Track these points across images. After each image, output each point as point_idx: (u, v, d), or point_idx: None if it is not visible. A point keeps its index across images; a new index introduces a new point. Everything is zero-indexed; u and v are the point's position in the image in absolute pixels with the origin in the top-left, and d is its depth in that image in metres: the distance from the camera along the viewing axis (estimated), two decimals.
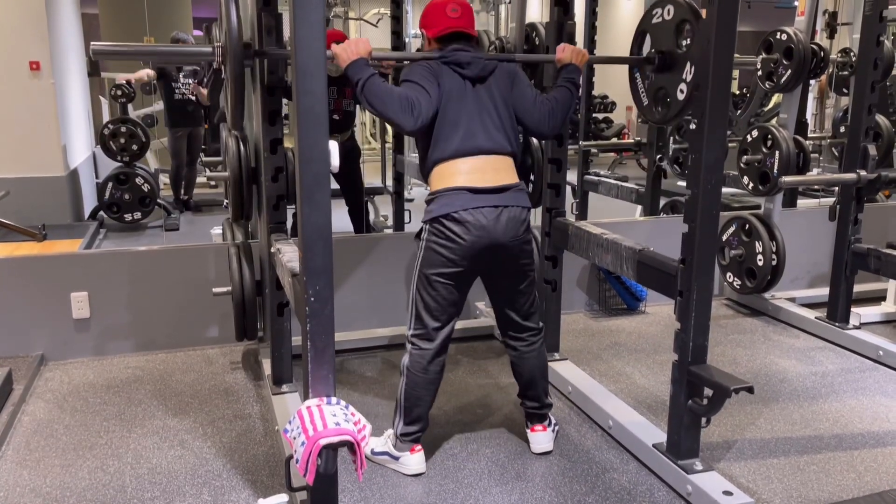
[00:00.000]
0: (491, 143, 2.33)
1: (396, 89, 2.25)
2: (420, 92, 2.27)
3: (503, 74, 2.41)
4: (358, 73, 2.20)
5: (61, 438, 2.69)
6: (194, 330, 3.54)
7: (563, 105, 2.44)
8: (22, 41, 4.88)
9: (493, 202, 2.28)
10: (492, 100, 2.36)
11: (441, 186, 2.31)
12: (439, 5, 2.42)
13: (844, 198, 3.58)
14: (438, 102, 2.29)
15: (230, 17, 2.27)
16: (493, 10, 8.08)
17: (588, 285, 4.14)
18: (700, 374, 2.28)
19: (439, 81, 2.31)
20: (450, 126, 2.30)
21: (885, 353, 3.38)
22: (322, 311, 1.95)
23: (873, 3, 3.37)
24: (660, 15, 2.45)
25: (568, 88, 2.46)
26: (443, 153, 2.31)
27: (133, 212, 5.41)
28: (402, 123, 2.24)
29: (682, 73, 2.32)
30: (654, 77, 2.50)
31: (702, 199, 2.21)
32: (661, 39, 2.45)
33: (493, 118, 2.34)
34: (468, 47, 2.39)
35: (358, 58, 2.21)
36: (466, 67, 2.33)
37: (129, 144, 5.40)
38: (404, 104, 2.22)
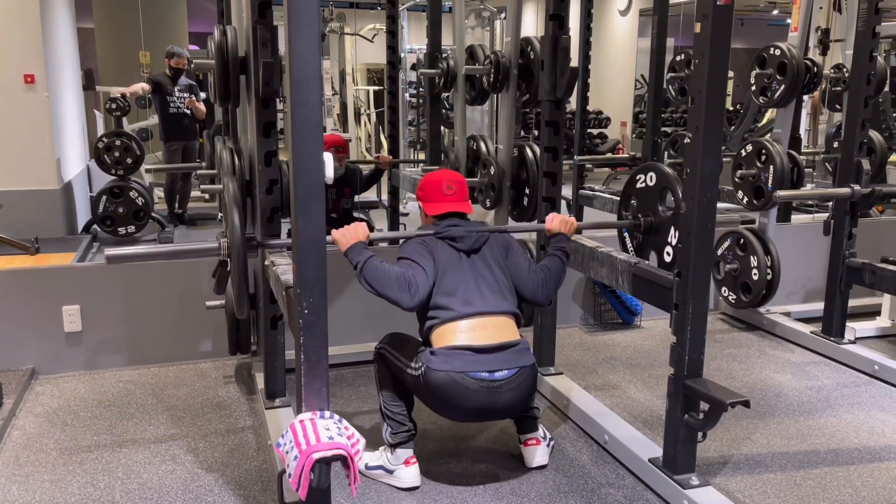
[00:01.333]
0: (488, 305, 2.37)
1: (394, 270, 2.31)
2: (416, 269, 2.34)
3: (497, 244, 2.50)
4: (356, 257, 2.28)
5: (51, 453, 2.65)
6: (187, 344, 3.52)
7: (555, 275, 2.51)
8: (17, 54, 4.88)
9: (495, 365, 2.30)
10: (487, 267, 2.43)
11: (442, 344, 2.33)
12: (436, 182, 2.55)
13: (839, 212, 3.59)
14: (435, 276, 2.36)
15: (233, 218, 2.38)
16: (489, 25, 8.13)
17: (583, 299, 4.13)
18: (696, 388, 2.27)
19: (434, 255, 2.39)
20: (447, 296, 2.35)
21: (880, 368, 3.37)
22: (316, 324, 1.94)
23: (866, 20, 3.40)
24: (643, 181, 2.58)
25: (559, 257, 2.53)
26: (441, 320, 2.34)
27: (127, 225, 5.38)
28: (401, 301, 2.30)
29: (667, 235, 2.43)
30: (642, 238, 2.62)
31: (697, 213, 2.21)
32: (645, 204, 2.58)
33: (489, 283, 2.40)
34: (461, 222, 2.50)
35: (356, 242, 2.30)
36: (460, 241, 2.42)
37: (124, 158, 5.39)
38: (402, 283, 2.29)
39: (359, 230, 2.32)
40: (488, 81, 3.32)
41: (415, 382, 2.34)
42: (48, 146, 5.03)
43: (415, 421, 2.49)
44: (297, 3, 1.79)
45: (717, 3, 2.08)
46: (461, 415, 2.39)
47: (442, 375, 2.26)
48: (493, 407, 2.32)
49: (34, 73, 4.93)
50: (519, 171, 3.17)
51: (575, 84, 3.28)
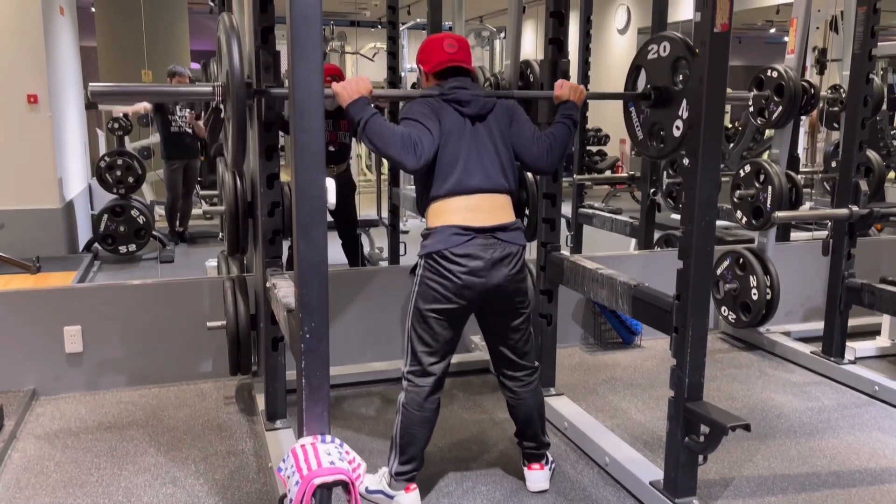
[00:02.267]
0: (488, 182, 2.34)
1: (398, 128, 2.25)
2: (421, 130, 2.27)
3: (502, 111, 2.43)
4: (359, 113, 2.20)
5: (52, 475, 2.65)
6: (188, 364, 3.52)
7: (561, 141, 2.45)
8: (20, 74, 4.92)
9: (488, 240, 2.29)
10: (490, 138, 2.37)
11: (437, 223, 2.32)
12: (436, 41, 2.45)
13: (837, 233, 3.60)
14: (439, 140, 2.30)
15: (232, 56, 2.28)
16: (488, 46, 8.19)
17: (583, 319, 4.14)
18: (696, 412, 2.27)
19: (440, 118, 2.32)
20: (448, 164, 2.31)
21: (881, 389, 3.37)
22: (317, 348, 1.95)
23: (862, 43, 3.43)
24: (655, 51, 2.46)
25: (566, 125, 2.48)
26: (440, 191, 2.32)
27: (128, 244, 5.41)
28: (405, 162, 2.24)
29: (678, 109, 2.32)
30: (650, 112, 2.51)
31: (696, 236, 2.22)
32: (656, 75, 2.46)
33: (491, 157, 2.35)
34: (467, 84, 2.40)
35: (359, 97, 2.21)
36: (466, 106, 2.35)
37: (126, 176, 5.43)
38: (406, 143, 2.22)
39: (361, 84, 2.23)
40: None
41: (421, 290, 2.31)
42: (50, 166, 5.06)
43: (424, 458, 2.46)
44: (299, 31, 1.82)
45: (714, 30, 2.10)
46: (455, 296, 2.29)
47: (435, 256, 2.26)
48: (485, 285, 2.28)
49: (37, 93, 4.97)
50: (518, 192, 3.17)
51: None
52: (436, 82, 2.43)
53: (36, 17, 4.91)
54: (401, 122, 2.32)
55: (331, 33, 8.48)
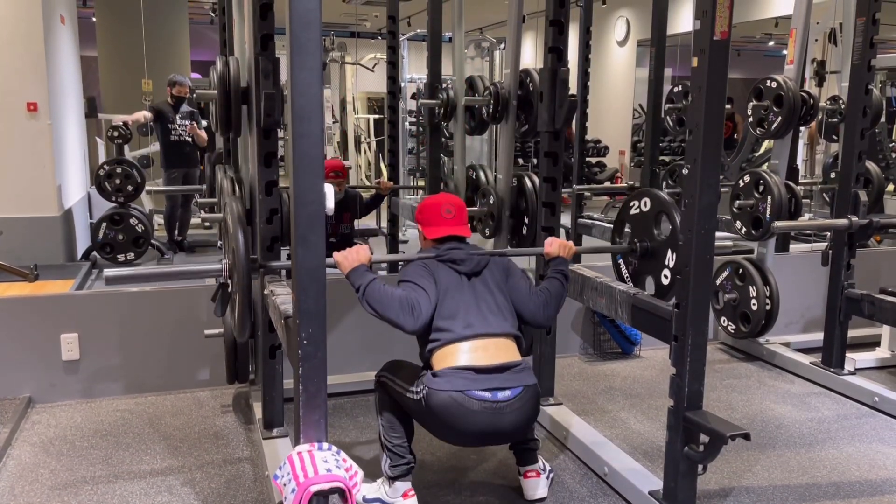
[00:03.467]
0: (490, 327, 2.37)
1: (396, 292, 2.31)
2: (418, 292, 2.34)
3: (497, 268, 2.51)
4: (358, 280, 2.28)
5: (46, 483, 2.63)
6: (185, 372, 3.50)
7: (556, 297, 2.51)
8: (20, 82, 4.93)
9: (497, 384, 2.28)
10: (487, 290, 2.43)
11: (443, 366, 2.32)
12: (434, 206, 2.56)
13: (837, 243, 3.60)
14: (436, 298, 2.36)
15: (238, 241, 2.36)
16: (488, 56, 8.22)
17: (582, 328, 4.13)
18: (696, 421, 2.26)
19: (435, 278, 2.39)
20: (448, 318, 2.35)
21: (880, 400, 3.36)
22: (315, 355, 1.94)
23: (861, 54, 3.44)
24: (637, 207, 2.59)
25: (559, 280, 2.54)
26: (442, 339, 2.34)
27: (126, 252, 5.38)
28: (404, 325, 2.30)
29: (664, 259, 2.44)
30: (638, 264, 2.62)
31: (695, 245, 2.21)
32: (640, 230, 2.58)
33: (489, 306, 2.40)
34: (461, 245, 2.50)
35: (358, 265, 2.30)
36: (461, 264, 2.43)
37: (125, 185, 5.41)
38: (404, 306, 2.29)
39: (361, 253, 2.32)
40: (488, 112, 3.35)
41: (416, 406, 2.32)
42: (49, 174, 5.06)
43: (414, 453, 2.46)
44: (299, 38, 1.82)
45: (713, 38, 2.10)
46: (463, 438, 2.35)
47: (443, 396, 2.24)
48: (496, 428, 2.28)
49: (37, 101, 4.97)
50: (518, 201, 3.18)
51: (574, 115, 3.31)
52: (433, 245, 2.53)
53: (37, 26, 4.92)
54: (399, 285, 2.39)
55: (331, 44, 8.52)
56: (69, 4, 6.07)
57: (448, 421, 2.26)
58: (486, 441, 2.44)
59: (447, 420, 2.26)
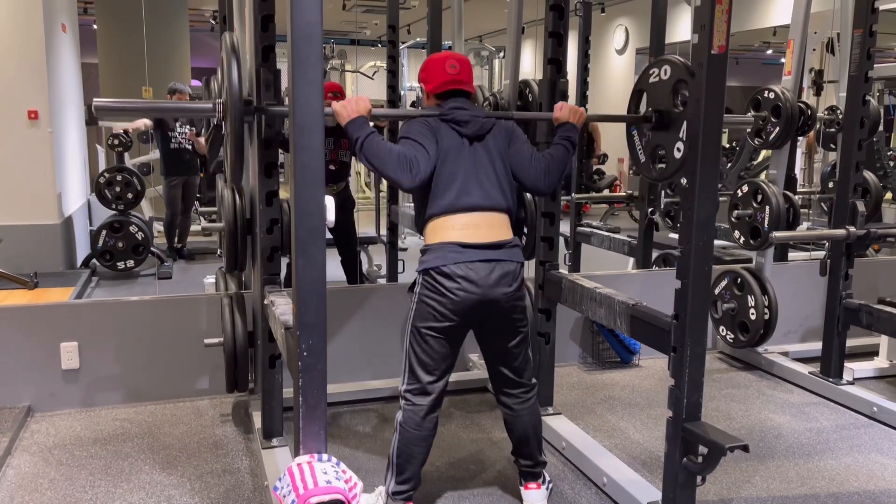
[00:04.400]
0: (486, 200, 2.34)
1: (395, 147, 2.27)
2: (418, 149, 2.30)
3: (500, 132, 2.44)
4: (357, 131, 2.23)
5: (46, 493, 2.63)
6: (185, 381, 3.51)
7: (559, 163, 2.46)
8: (21, 90, 4.94)
9: (486, 257, 2.29)
10: (489, 157, 2.38)
11: (435, 240, 2.33)
12: (438, 60, 2.46)
13: (835, 253, 3.61)
14: (436, 159, 2.32)
15: (231, 74, 2.30)
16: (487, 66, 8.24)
17: (581, 338, 4.13)
18: (695, 432, 2.26)
19: (437, 138, 2.34)
20: (446, 183, 2.32)
21: (879, 410, 3.36)
22: (315, 366, 1.94)
23: (859, 64, 3.46)
24: (657, 74, 2.48)
25: (564, 146, 2.48)
26: (438, 208, 2.33)
27: (126, 260, 5.39)
28: (401, 181, 2.26)
29: (678, 131, 2.33)
30: (652, 135, 2.52)
31: (694, 256, 2.22)
32: (657, 98, 2.47)
33: (489, 175, 2.36)
34: (466, 105, 2.42)
35: (357, 115, 2.24)
36: (464, 126, 2.36)
37: (125, 193, 5.43)
38: (402, 162, 2.25)
39: (360, 103, 2.26)
40: None
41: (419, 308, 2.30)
42: (50, 181, 5.07)
43: (421, 477, 2.45)
44: (300, 50, 1.83)
45: (711, 52, 2.12)
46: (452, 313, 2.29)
47: (432, 272, 2.26)
48: (483, 302, 2.28)
49: (38, 108, 4.98)
50: (517, 211, 3.18)
51: None
52: (436, 102, 2.46)
53: (38, 34, 4.94)
54: (399, 142, 2.34)
55: (331, 52, 8.54)
56: (70, 12, 6.09)
57: (438, 299, 2.26)
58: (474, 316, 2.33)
59: (438, 297, 2.26)
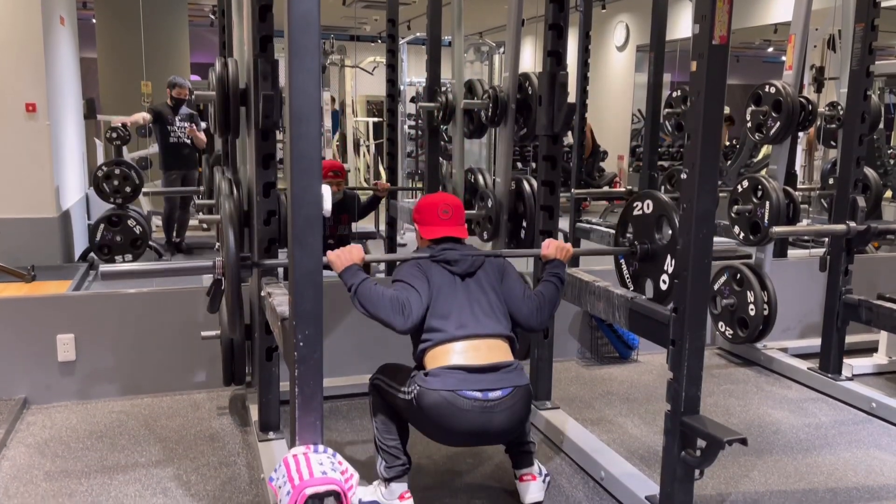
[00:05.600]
0: (483, 329, 2.37)
1: (387, 292, 2.31)
2: (410, 292, 2.34)
3: (492, 268, 2.50)
4: (351, 279, 2.29)
5: (41, 485, 2.62)
6: (181, 374, 3.50)
7: (550, 301, 2.50)
8: (19, 83, 4.92)
9: (489, 384, 2.28)
10: (481, 291, 2.43)
11: (435, 366, 2.32)
12: (432, 205, 2.57)
13: (835, 249, 3.60)
14: (429, 299, 2.36)
15: (229, 241, 2.35)
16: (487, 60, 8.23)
17: (580, 333, 4.12)
18: (693, 426, 2.25)
19: (428, 278, 2.39)
20: (441, 318, 2.35)
21: (878, 406, 3.36)
22: (311, 357, 1.93)
23: (860, 60, 3.45)
24: (640, 208, 2.57)
25: (554, 283, 2.52)
26: (435, 340, 2.34)
27: (124, 253, 5.36)
28: (394, 324, 2.30)
29: (663, 264, 2.43)
30: (638, 265, 2.60)
31: (693, 249, 2.21)
32: (641, 231, 2.56)
33: (483, 307, 2.40)
34: (457, 246, 2.50)
35: (351, 264, 2.30)
36: (455, 265, 2.43)
37: (123, 186, 5.40)
38: (395, 306, 2.29)
39: (354, 252, 2.32)
40: (486, 115, 3.35)
41: (408, 406, 2.31)
42: (47, 174, 5.06)
43: (409, 455, 2.46)
44: (298, 39, 1.82)
45: (712, 43, 2.10)
46: (454, 438, 2.34)
47: (435, 395, 2.23)
48: (486, 428, 2.27)
49: (36, 101, 4.97)
50: (516, 204, 3.18)
51: (572, 119, 3.31)
52: (429, 245, 2.54)
53: (36, 27, 4.92)
54: (392, 285, 2.40)
55: (331, 47, 8.51)
56: (69, 5, 6.07)
57: (439, 420, 2.25)
58: (478, 441, 2.43)
59: (438, 419, 2.25)
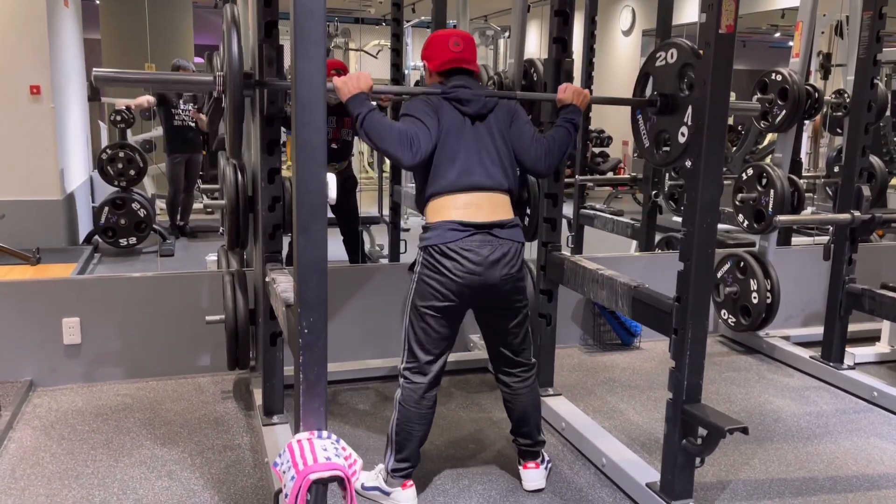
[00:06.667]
0: (488, 179, 2.33)
1: (396, 124, 2.26)
2: (419, 127, 2.28)
3: (503, 111, 2.42)
4: (358, 108, 2.22)
5: (47, 467, 2.65)
6: (186, 358, 3.52)
7: (560, 144, 2.44)
8: (23, 65, 4.91)
9: (486, 237, 2.29)
10: (490, 137, 2.37)
11: (436, 219, 2.32)
12: (442, 38, 2.44)
13: (839, 238, 3.60)
14: (437, 138, 2.30)
15: (231, 47, 2.29)
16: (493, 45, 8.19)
17: (583, 320, 4.13)
18: (694, 414, 2.26)
19: (439, 116, 2.32)
20: (447, 161, 2.31)
21: (879, 395, 3.37)
22: (315, 344, 1.94)
23: (867, 47, 3.42)
24: (663, 58, 2.47)
25: (566, 128, 2.46)
26: (439, 187, 2.32)
27: (128, 237, 5.40)
28: (401, 158, 2.25)
29: (683, 116, 2.34)
30: (656, 119, 2.51)
31: (697, 238, 2.21)
32: (663, 82, 2.46)
33: (490, 155, 2.35)
34: (469, 83, 2.40)
35: (358, 92, 2.22)
36: (467, 105, 2.34)
37: (127, 169, 5.42)
38: (403, 139, 2.23)
39: (361, 79, 2.24)
40: None
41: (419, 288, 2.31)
42: (52, 157, 5.06)
43: (420, 455, 2.46)
44: (303, 26, 1.81)
45: (718, 31, 2.09)
46: (452, 293, 2.29)
47: (433, 251, 2.25)
48: (483, 282, 2.28)
49: (40, 84, 4.96)
50: (520, 192, 3.16)
51: None
52: (439, 80, 2.44)
53: (40, 8, 4.90)
54: (400, 119, 2.33)
55: (335, 30, 8.48)
56: None
57: (436, 275, 2.26)
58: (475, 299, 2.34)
59: (436, 275, 2.26)
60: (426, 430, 2.43)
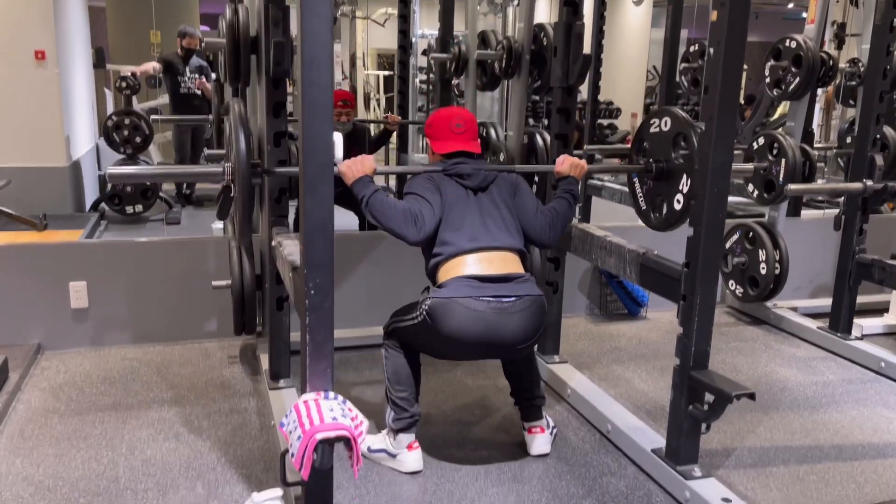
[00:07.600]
0: (495, 241, 2.36)
1: (399, 203, 2.30)
2: (423, 203, 2.33)
3: (505, 183, 2.48)
4: (363, 190, 2.28)
5: (56, 428, 2.67)
6: (193, 323, 3.52)
7: (563, 217, 2.49)
8: (27, 30, 4.87)
9: (502, 291, 2.28)
10: (494, 206, 2.41)
11: (447, 277, 2.32)
12: (444, 119, 2.52)
13: (850, 208, 3.56)
14: (441, 212, 2.34)
15: (239, 142, 2.32)
16: (501, 12, 8.07)
17: (590, 289, 4.12)
18: (701, 380, 2.26)
19: (441, 191, 2.37)
20: (453, 231, 2.34)
21: (886, 365, 3.36)
22: (322, 305, 1.93)
23: (883, 13, 3.36)
24: (657, 125, 2.49)
25: (567, 200, 2.52)
26: (447, 254, 2.33)
27: (135, 204, 5.38)
28: (406, 235, 2.29)
29: (678, 183, 2.36)
30: (652, 185, 2.54)
31: (707, 203, 2.19)
32: (658, 150, 2.49)
33: (496, 222, 2.39)
34: (468, 160, 2.46)
35: (363, 175, 2.28)
36: (468, 178, 2.41)
37: (133, 137, 5.39)
38: (407, 217, 2.28)
39: (366, 163, 2.31)
40: (500, 67, 3.30)
41: (419, 328, 2.31)
42: (57, 123, 5.03)
43: (419, 408, 2.48)
44: None
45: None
46: (467, 346, 2.28)
47: (448, 302, 2.24)
48: (501, 333, 2.25)
49: (45, 49, 4.91)
50: (528, 159, 3.15)
51: (587, 71, 3.25)
52: (441, 159, 2.50)
53: None
54: (404, 197, 2.37)
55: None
56: None
57: (451, 327, 2.24)
58: (489, 349, 2.34)
59: (450, 327, 2.24)
60: (417, 375, 2.46)
